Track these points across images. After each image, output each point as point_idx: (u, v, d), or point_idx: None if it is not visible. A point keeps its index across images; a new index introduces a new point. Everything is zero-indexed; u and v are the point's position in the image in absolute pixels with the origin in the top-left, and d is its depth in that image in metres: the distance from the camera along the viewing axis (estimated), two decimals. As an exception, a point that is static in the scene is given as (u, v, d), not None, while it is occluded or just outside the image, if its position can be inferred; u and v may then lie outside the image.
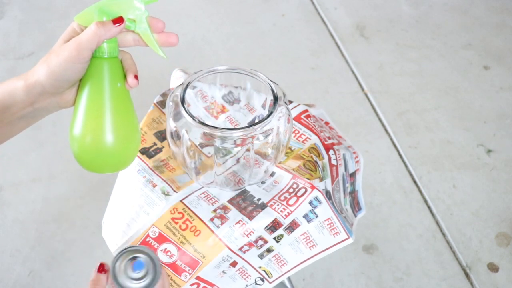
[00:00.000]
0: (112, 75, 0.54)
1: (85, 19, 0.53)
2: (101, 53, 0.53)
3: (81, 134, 0.53)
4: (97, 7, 0.52)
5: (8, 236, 1.45)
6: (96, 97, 0.53)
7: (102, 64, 0.53)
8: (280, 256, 0.76)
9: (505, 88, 1.96)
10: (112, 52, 0.54)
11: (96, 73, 0.53)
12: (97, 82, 0.53)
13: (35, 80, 0.54)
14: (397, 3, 2.35)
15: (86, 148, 0.53)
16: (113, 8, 0.52)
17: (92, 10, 0.52)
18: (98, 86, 0.53)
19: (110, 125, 0.53)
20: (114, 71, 0.54)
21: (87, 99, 0.53)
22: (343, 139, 0.91)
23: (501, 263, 1.44)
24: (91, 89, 0.53)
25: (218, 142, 0.66)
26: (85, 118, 0.53)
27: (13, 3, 2.28)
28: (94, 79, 0.53)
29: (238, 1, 2.32)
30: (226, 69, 0.74)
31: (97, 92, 0.53)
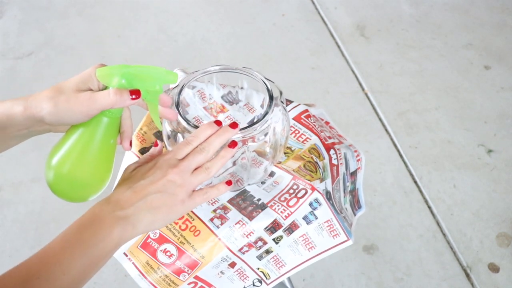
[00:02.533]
0: (108, 132, 0.58)
1: (106, 77, 0.55)
2: (107, 111, 0.56)
3: (59, 166, 0.57)
4: (121, 71, 0.55)
5: (7, 236, 1.45)
6: (86, 145, 0.57)
7: (103, 120, 0.57)
8: (278, 258, 0.75)
9: (505, 88, 1.96)
10: (116, 113, 0.58)
11: (95, 125, 0.57)
12: (93, 133, 0.57)
13: (37, 112, 0.56)
14: (397, 2, 2.35)
15: (59, 179, 0.58)
16: (135, 76, 0.55)
17: (115, 71, 0.55)
18: (92, 137, 0.57)
19: (86, 169, 0.58)
20: (111, 129, 0.58)
21: (77, 143, 0.57)
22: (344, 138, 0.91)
23: (501, 263, 1.43)
24: (84, 137, 0.57)
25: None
26: (68, 156, 0.57)
27: (13, 3, 2.28)
28: (91, 130, 0.57)
29: (238, 1, 2.32)
30: (219, 69, 0.74)
31: (89, 142, 0.57)
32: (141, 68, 0.55)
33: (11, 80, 1.91)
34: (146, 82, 0.56)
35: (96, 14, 2.23)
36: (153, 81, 0.56)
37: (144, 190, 0.56)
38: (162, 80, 0.56)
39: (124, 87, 0.54)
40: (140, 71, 0.55)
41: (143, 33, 2.14)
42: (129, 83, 0.55)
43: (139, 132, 0.82)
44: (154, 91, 0.57)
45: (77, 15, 2.22)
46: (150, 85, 0.56)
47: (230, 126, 0.61)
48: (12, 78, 1.92)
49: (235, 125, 0.62)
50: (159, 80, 0.56)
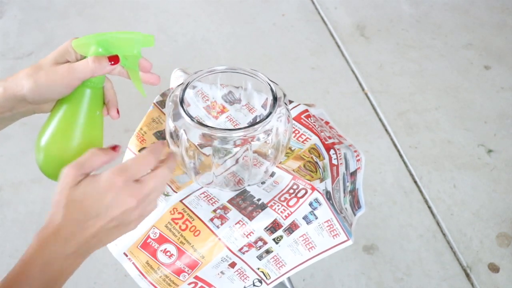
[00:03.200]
0: (93, 103, 0.57)
1: (83, 46, 0.55)
2: (88, 82, 0.55)
3: (49, 146, 0.57)
4: (96, 39, 0.55)
5: (7, 236, 1.45)
6: (73, 120, 0.56)
7: (86, 92, 0.56)
8: (278, 258, 0.75)
9: (505, 88, 1.96)
10: (98, 83, 0.57)
11: (78, 98, 0.56)
12: (77, 107, 0.56)
13: (17, 91, 0.55)
14: (397, 2, 2.35)
15: (50, 159, 0.58)
16: (111, 43, 0.55)
17: (90, 41, 0.55)
18: (78, 111, 0.56)
19: (76, 145, 0.57)
20: (95, 100, 0.57)
21: (63, 119, 0.57)
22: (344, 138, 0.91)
23: (501, 263, 1.43)
24: (69, 112, 0.56)
25: (217, 143, 0.66)
26: (56, 134, 0.57)
27: (13, 3, 2.28)
28: (75, 103, 0.56)
29: (238, 1, 2.32)
30: (226, 69, 0.74)
31: (75, 116, 0.56)
32: (116, 34, 0.55)
33: (11, 80, 1.91)
34: (123, 47, 0.55)
35: (96, 14, 2.23)
36: (131, 46, 0.55)
37: (99, 228, 0.51)
38: (139, 43, 0.55)
39: (102, 55, 0.54)
40: (116, 37, 0.55)
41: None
42: (106, 50, 0.55)
43: (139, 132, 0.82)
44: (132, 56, 0.56)
45: (77, 15, 2.22)
46: (128, 50, 0.55)
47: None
48: (12, 78, 1.92)
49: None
50: (136, 44, 0.55)
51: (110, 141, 0.57)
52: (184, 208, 0.73)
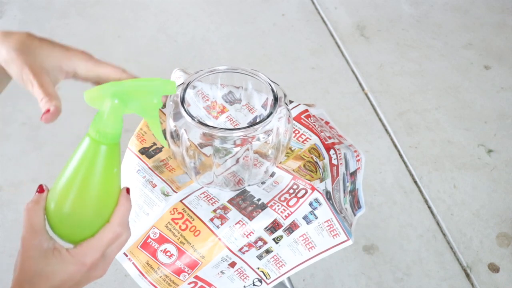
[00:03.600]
0: (110, 161, 0.50)
1: (96, 99, 0.49)
2: (104, 136, 0.48)
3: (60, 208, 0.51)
4: (111, 90, 0.48)
5: (7, 236, 1.45)
6: (89, 181, 0.50)
7: (102, 149, 0.49)
8: (278, 257, 0.75)
9: (505, 88, 1.96)
10: (115, 138, 0.49)
11: (93, 156, 0.49)
12: (93, 166, 0.50)
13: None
14: (397, 2, 2.35)
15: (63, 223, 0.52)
16: (128, 93, 0.49)
17: (105, 92, 0.48)
18: (93, 170, 0.50)
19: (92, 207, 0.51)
20: (113, 156, 0.51)
21: (78, 181, 0.50)
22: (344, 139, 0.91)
23: (501, 263, 1.43)
24: (85, 172, 0.50)
25: (218, 142, 0.66)
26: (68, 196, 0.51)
27: (13, 3, 2.27)
28: (90, 162, 0.50)
29: (238, 1, 2.31)
30: (226, 69, 0.74)
31: (91, 176, 0.50)
32: (134, 83, 0.49)
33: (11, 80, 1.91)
34: (141, 97, 0.49)
35: (96, 14, 2.23)
36: (150, 95, 0.49)
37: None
38: (160, 92, 0.50)
39: (117, 108, 0.48)
40: (133, 86, 0.49)
41: (143, 33, 2.14)
42: (123, 101, 0.48)
43: (139, 132, 0.83)
44: (152, 105, 0.50)
45: (77, 15, 2.22)
46: (147, 100, 0.49)
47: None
48: (12, 78, 1.92)
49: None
50: (156, 93, 0.49)
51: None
52: (184, 208, 0.73)
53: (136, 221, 0.75)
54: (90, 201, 0.51)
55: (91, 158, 0.49)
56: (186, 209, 0.73)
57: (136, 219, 0.75)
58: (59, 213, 0.51)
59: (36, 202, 0.51)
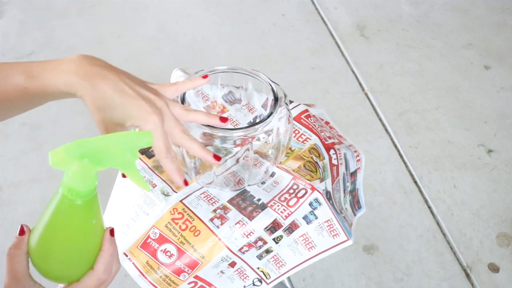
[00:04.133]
0: (88, 214, 0.48)
1: (62, 162, 0.44)
2: (76, 194, 0.45)
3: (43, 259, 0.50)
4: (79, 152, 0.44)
5: (7, 236, 1.45)
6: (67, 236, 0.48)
7: (77, 204, 0.46)
8: (278, 257, 0.75)
9: (505, 88, 1.96)
10: (89, 194, 0.46)
11: (70, 212, 0.47)
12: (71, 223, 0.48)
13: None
14: (397, 2, 2.35)
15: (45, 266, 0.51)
16: (100, 151, 0.45)
17: (72, 153, 0.44)
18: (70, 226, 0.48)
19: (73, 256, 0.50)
20: (90, 210, 0.48)
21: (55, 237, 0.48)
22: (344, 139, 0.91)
23: (501, 263, 1.43)
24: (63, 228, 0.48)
25: (218, 142, 0.66)
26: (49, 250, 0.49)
27: (13, 3, 2.28)
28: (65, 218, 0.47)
29: (238, 1, 2.32)
30: (227, 69, 0.74)
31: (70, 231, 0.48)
32: (103, 141, 0.45)
33: (11, 80, 1.91)
34: (113, 153, 0.45)
35: (96, 14, 2.23)
36: (123, 151, 0.45)
37: None
38: (134, 146, 0.46)
39: (88, 167, 0.44)
40: (102, 144, 0.44)
41: (143, 33, 2.14)
42: (93, 160, 0.44)
43: (139, 132, 0.82)
44: (126, 160, 0.46)
45: (77, 15, 2.22)
46: (120, 155, 0.45)
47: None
48: (12, 78, 1.92)
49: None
50: (130, 147, 0.45)
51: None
52: (184, 208, 0.73)
53: (136, 221, 0.75)
54: (70, 249, 0.49)
55: (66, 214, 0.47)
56: (186, 209, 0.73)
57: (136, 219, 0.75)
58: (42, 256, 0.50)
59: (17, 247, 0.49)
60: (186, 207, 0.73)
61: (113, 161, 0.45)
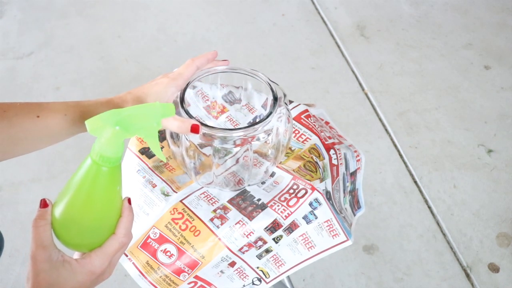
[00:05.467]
0: (112, 180, 0.53)
1: (98, 129, 0.50)
2: (105, 160, 0.51)
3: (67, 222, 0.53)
4: (113, 119, 0.50)
5: (7, 236, 1.45)
6: (92, 200, 0.53)
7: (103, 170, 0.51)
8: (278, 257, 0.75)
9: (506, 88, 1.96)
10: (115, 161, 0.52)
11: (96, 177, 0.52)
12: (96, 186, 0.52)
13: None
14: (397, 2, 2.35)
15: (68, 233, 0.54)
16: (129, 120, 0.51)
17: (107, 121, 0.50)
18: (96, 190, 0.52)
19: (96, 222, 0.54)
20: (114, 177, 0.53)
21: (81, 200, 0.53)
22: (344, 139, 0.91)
23: (501, 263, 1.43)
24: (88, 192, 0.52)
25: (218, 142, 0.66)
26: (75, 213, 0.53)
27: (13, 3, 2.28)
28: (94, 183, 0.52)
29: (238, 1, 2.32)
30: (226, 69, 0.74)
31: (94, 196, 0.52)
32: (133, 110, 0.51)
33: (11, 80, 1.91)
34: (141, 122, 0.52)
35: (96, 14, 2.23)
36: (149, 120, 0.52)
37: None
38: (158, 116, 0.52)
39: (119, 134, 0.50)
40: (133, 113, 0.51)
41: (143, 33, 2.14)
42: (124, 128, 0.50)
43: (139, 132, 0.82)
44: (152, 128, 0.53)
45: (77, 15, 2.22)
46: (147, 123, 0.52)
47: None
48: (12, 78, 1.92)
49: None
50: (155, 117, 0.52)
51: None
52: (184, 208, 0.73)
53: (136, 221, 0.75)
54: (95, 215, 0.53)
55: (93, 179, 0.51)
56: (186, 209, 0.73)
57: (136, 219, 0.75)
58: (66, 226, 0.53)
59: (42, 218, 0.54)
60: (186, 207, 0.73)
61: (140, 129, 0.52)
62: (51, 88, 1.86)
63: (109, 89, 1.85)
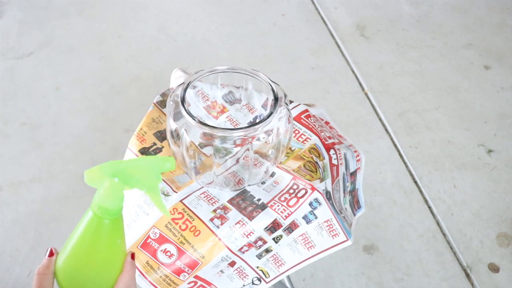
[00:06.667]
0: (113, 233, 0.53)
1: (97, 179, 0.50)
2: (105, 212, 0.51)
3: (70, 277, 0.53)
4: (112, 170, 0.50)
5: (7, 236, 1.45)
6: (94, 253, 0.53)
7: (105, 223, 0.52)
8: (278, 257, 0.75)
9: (505, 88, 1.96)
10: (116, 213, 0.52)
11: (98, 230, 0.52)
12: (97, 239, 0.52)
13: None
14: (397, 2, 2.35)
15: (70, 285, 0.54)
16: (128, 172, 0.50)
17: (105, 172, 0.50)
18: (98, 244, 0.52)
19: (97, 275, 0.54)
20: (116, 229, 0.53)
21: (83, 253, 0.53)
22: (344, 139, 0.91)
23: (501, 263, 1.43)
24: (90, 245, 0.52)
25: (218, 142, 0.66)
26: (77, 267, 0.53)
27: (12, 3, 2.28)
28: (95, 236, 0.52)
29: (238, 1, 2.32)
30: (227, 69, 0.74)
31: (95, 249, 0.53)
32: (133, 163, 0.51)
33: (11, 80, 1.91)
34: (141, 175, 0.51)
35: (96, 14, 2.23)
36: (149, 172, 0.51)
37: None
38: (158, 169, 0.51)
39: (118, 186, 0.50)
40: (133, 166, 0.51)
41: (143, 33, 2.14)
42: (123, 180, 0.50)
43: (139, 132, 0.82)
44: (151, 181, 0.51)
45: (77, 15, 2.22)
46: (146, 176, 0.51)
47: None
48: (12, 78, 1.92)
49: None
50: (155, 171, 0.51)
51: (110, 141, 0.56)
52: (184, 208, 0.73)
53: (136, 221, 0.75)
54: (95, 268, 0.53)
55: (94, 232, 0.52)
56: (186, 209, 0.73)
57: (136, 219, 0.75)
58: (68, 277, 0.53)
59: (46, 267, 0.53)
60: (186, 207, 0.73)
61: (140, 182, 0.51)
62: (51, 88, 1.86)
63: (109, 89, 1.85)
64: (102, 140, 1.66)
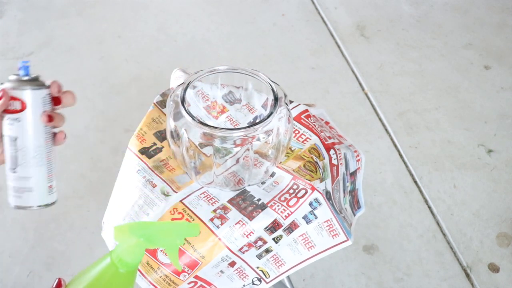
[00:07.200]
0: (126, 283, 0.55)
1: (124, 235, 0.53)
2: (123, 263, 0.53)
3: None
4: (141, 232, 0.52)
5: (7, 236, 1.45)
6: None
7: (121, 274, 0.54)
8: (278, 257, 0.75)
9: (505, 88, 1.96)
10: (134, 266, 0.54)
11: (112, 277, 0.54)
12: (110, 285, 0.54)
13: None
14: (397, 2, 2.35)
15: None
16: (155, 234, 0.53)
17: (134, 232, 0.52)
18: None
19: None
20: (129, 279, 0.55)
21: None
22: (344, 139, 0.91)
23: (501, 263, 1.43)
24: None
25: (218, 142, 0.66)
26: None
27: (12, 3, 2.28)
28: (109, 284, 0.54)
29: (238, 1, 2.32)
30: (227, 69, 0.74)
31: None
32: (161, 226, 0.55)
33: (11, 80, 1.91)
34: (165, 237, 0.54)
35: (96, 14, 2.23)
36: (174, 236, 0.54)
37: None
38: (183, 234, 0.55)
39: (142, 245, 0.53)
40: (160, 229, 0.54)
41: (143, 33, 2.14)
42: (148, 240, 0.53)
43: (139, 132, 0.82)
44: (174, 244, 0.55)
45: (77, 15, 2.22)
46: (170, 239, 0.54)
47: None
48: (12, 78, 1.92)
49: None
50: (179, 235, 0.54)
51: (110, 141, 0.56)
52: (184, 208, 0.73)
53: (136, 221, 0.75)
54: None
55: (109, 278, 0.53)
56: (186, 209, 0.73)
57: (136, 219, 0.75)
58: None
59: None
60: (186, 207, 0.73)
61: (163, 242, 0.54)
62: (51, 88, 1.86)
63: (109, 89, 1.85)
64: (102, 140, 1.66)
